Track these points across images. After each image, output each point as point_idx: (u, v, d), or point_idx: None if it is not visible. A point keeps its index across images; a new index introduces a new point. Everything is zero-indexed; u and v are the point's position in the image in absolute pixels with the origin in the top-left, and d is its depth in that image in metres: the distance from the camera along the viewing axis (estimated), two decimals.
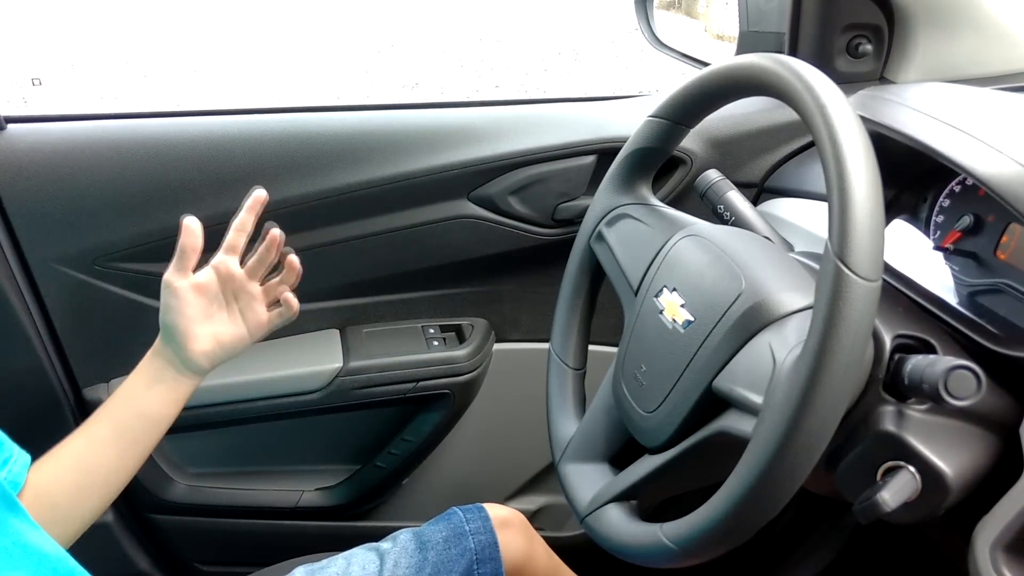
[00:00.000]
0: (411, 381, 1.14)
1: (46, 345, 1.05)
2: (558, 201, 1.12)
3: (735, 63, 0.70)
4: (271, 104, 1.10)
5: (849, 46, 1.06)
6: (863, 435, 0.64)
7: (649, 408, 0.73)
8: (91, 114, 1.06)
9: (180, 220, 0.82)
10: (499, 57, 6.17)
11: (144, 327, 1.09)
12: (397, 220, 1.10)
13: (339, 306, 1.17)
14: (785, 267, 0.70)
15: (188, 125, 1.05)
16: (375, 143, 1.06)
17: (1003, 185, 0.69)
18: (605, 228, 0.86)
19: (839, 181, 0.55)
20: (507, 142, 1.09)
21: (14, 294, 1.01)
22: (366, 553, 0.93)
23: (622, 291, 0.82)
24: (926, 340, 0.65)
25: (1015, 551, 0.63)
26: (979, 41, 1.04)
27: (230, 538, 1.26)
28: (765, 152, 1.11)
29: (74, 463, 0.82)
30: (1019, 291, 0.75)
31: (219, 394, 1.09)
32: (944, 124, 0.78)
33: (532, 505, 1.34)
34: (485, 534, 0.93)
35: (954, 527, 0.68)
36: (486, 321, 1.22)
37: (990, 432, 0.64)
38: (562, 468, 0.84)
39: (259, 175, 1.04)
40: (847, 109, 0.58)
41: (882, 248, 0.55)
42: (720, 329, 0.67)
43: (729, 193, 0.87)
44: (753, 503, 0.58)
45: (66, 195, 1.01)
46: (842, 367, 0.53)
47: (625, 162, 0.85)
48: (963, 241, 0.83)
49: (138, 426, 0.85)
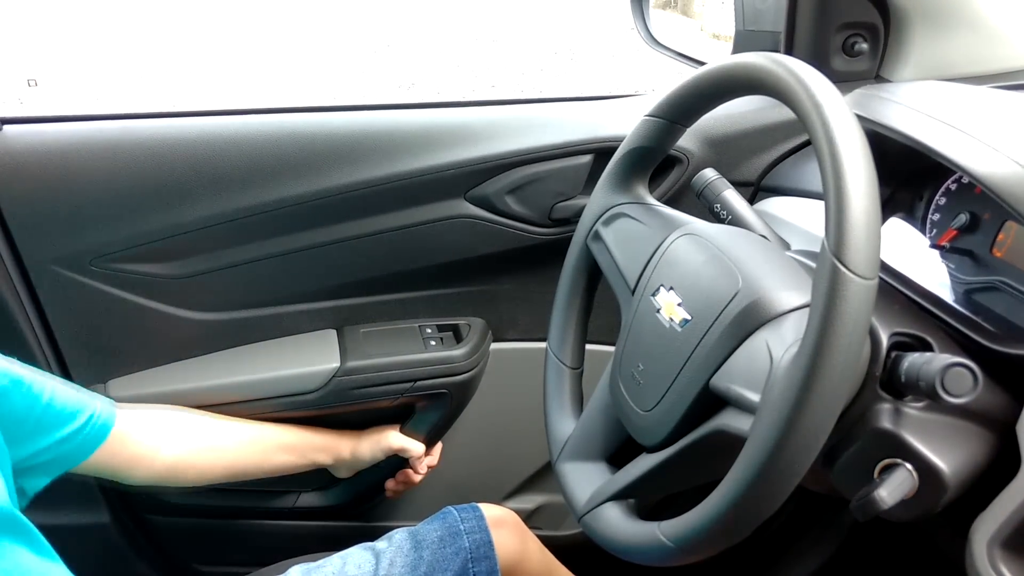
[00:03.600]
0: (408, 381, 1.14)
1: (43, 346, 1.05)
2: (555, 200, 1.12)
3: (731, 62, 0.70)
4: (267, 105, 1.10)
5: (845, 45, 1.06)
6: (860, 433, 0.64)
7: (646, 407, 0.73)
8: (87, 115, 1.06)
9: (176, 220, 0.83)
10: (495, 57, 6.17)
11: (140, 328, 1.09)
12: (394, 220, 1.10)
13: (336, 306, 1.16)
14: (782, 266, 0.70)
15: (184, 126, 1.05)
16: (371, 143, 1.06)
17: (999, 183, 0.69)
18: (602, 227, 0.86)
19: (835, 180, 0.55)
20: (503, 142, 1.09)
21: (11, 295, 1.01)
22: (362, 552, 0.93)
23: (619, 290, 0.82)
24: (923, 338, 0.65)
25: (1012, 548, 0.63)
26: (975, 40, 1.04)
27: (227, 538, 1.26)
28: (761, 151, 1.11)
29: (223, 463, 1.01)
30: (1015, 288, 0.75)
31: (216, 395, 1.09)
32: (940, 122, 0.79)
33: (530, 504, 1.34)
34: (480, 533, 0.94)
35: (951, 524, 0.68)
36: (483, 321, 1.22)
37: (987, 429, 0.64)
38: (560, 467, 0.84)
39: (255, 176, 1.04)
40: (843, 108, 0.58)
41: (878, 246, 0.55)
42: (717, 328, 0.67)
43: (726, 192, 0.87)
44: (750, 501, 0.58)
45: (62, 196, 1.01)
46: (839, 365, 0.53)
47: (621, 161, 0.85)
48: (959, 239, 0.83)
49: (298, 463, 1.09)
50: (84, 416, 0.83)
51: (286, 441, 1.09)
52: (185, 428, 1.00)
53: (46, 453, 0.79)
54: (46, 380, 0.80)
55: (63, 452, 0.81)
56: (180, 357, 1.12)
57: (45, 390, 0.79)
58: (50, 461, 0.80)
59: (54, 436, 0.79)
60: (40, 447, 0.78)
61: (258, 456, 1.05)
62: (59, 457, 0.81)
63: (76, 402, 0.83)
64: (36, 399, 0.77)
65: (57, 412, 0.80)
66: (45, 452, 0.79)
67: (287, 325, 1.15)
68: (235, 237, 1.07)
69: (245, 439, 1.05)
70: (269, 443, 1.07)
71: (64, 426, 0.80)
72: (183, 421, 1.01)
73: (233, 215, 1.05)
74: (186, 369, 1.12)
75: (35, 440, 0.77)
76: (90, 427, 0.83)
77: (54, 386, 0.80)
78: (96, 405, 0.85)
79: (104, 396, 0.89)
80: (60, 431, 0.80)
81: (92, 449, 0.84)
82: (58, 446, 0.80)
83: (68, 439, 0.81)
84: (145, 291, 1.07)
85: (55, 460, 0.80)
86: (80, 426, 0.82)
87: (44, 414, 0.78)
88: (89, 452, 0.84)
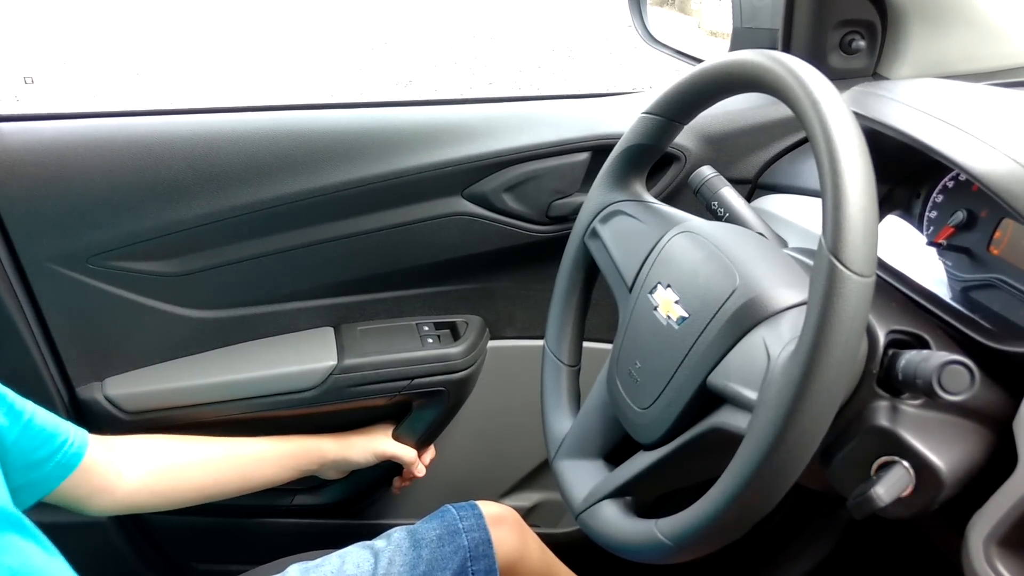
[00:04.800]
0: (406, 379, 1.14)
1: (39, 344, 1.05)
2: (552, 198, 1.12)
3: (729, 59, 0.70)
4: (264, 102, 1.10)
5: (842, 42, 1.06)
6: (857, 430, 0.65)
7: (644, 404, 0.73)
8: (84, 112, 1.06)
9: (173, 218, 0.82)
10: (493, 54, 6.17)
11: (138, 326, 1.09)
12: (391, 217, 1.10)
13: (333, 304, 1.16)
14: (779, 263, 0.70)
15: (181, 123, 1.05)
16: (369, 141, 1.06)
17: (996, 181, 0.69)
18: (599, 225, 0.86)
19: (833, 177, 0.55)
20: (501, 139, 1.09)
21: (7, 293, 1.00)
22: (360, 551, 0.93)
23: (616, 288, 0.82)
24: (920, 335, 0.65)
25: (1009, 545, 0.63)
26: (972, 37, 1.05)
27: (225, 536, 1.26)
28: (759, 148, 1.11)
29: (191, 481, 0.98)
30: (1012, 286, 0.75)
31: (213, 392, 1.09)
32: (937, 120, 0.79)
33: (527, 502, 1.34)
34: (478, 531, 0.94)
35: (948, 522, 0.68)
36: (480, 318, 1.22)
37: (983, 427, 0.64)
38: (557, 465, 0.84)
39: (252, 173, 1.04)
40: (841, 105, 0.58)
41: (876, 244, 0.55)
42: (714, 325, 0.67)
43: (723, 189, 0.87)
44: (748, 499, 0.58)
45: (59, 194, 1.01)
46: (836, 363, 0.53)
47: (619, 159, 0.85)
48: (956, 236, 0.83)
49: None
50: (60, 439, 0.81)
51: (263, 454, 1.06)
52: (148, 453, 0.95)
53: (21, 475, 0.77)
54: (27, 402, 0.79)
55: (37, 477, 0.79)
56: (178, 355, 1.12)
57: (27, 409, 0.78)
58: (19, 488, 0.77)
59: (31, 457, 0.78)
60: (15, 467, 0.76)
61: (232, 474, 1.02)
62: (32, 482, 0.79)
63: (53, 425, 0.81)
64: (19, 415, 0.76)
65: (36, 432, 0.78)
66: (20, 474, 0.77)
67: (284, 323, 1.15)
68: (232, 234, 1.06)
69: (217, 457, 1.01)
70: (243, 459, 1.04)
71: (42, 447, 0.79)
72: (146, 447, 0.96)
73: (230, 213, 1.04)
74: (183, 367, 1.11)
75: (12, 460, 0.76)
76: (64, 451, 0.81)
77: (34, 408, 0.79)
78: (70, 431, 0.83)
79: (77, 427, 0.86)
80: (37, 452, 0.78)
81: (66, 474, 0.82)
82: (33, 469, 0.78)
83: (44, 461, 0.79)
84: (142, 289, 1.07)
85: (27, 485, 0.78)
86: (56, 448, 0.80)
87: (24, 432, 0.77)
88: (63, 477, 0.81)
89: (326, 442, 1.11)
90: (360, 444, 1.14)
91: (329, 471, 1.14)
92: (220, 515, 1.23)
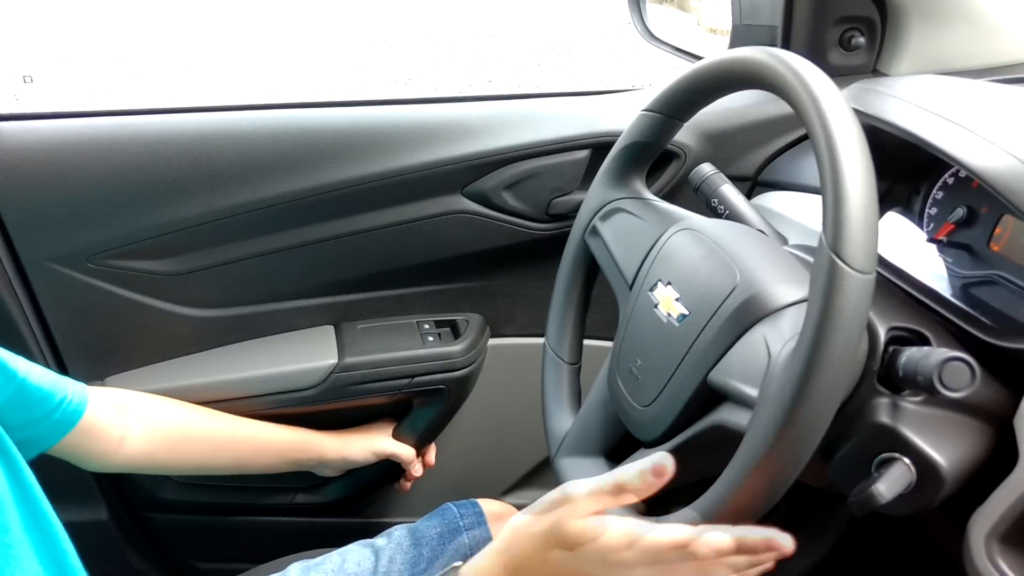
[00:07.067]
0: (406, 377, 1.14)
1: (40, 343, 1.05)
2: (552, 196, 1.12)
3: (728, 56, 0.70)
4: (263, 100, 1.10)
5: (842, 39, 1.06)
6: (858, 427, 0.65)
7: (644, 402, 0.73)
8: (83, 111, 1.06)
9: (173, 217, 0.82)
10: (492, 52, 6.16)
11: (138, 325, 1.09)
12: (391, 216, 1.10)
13: (333, 302, 1.16)
14: (779, 260, 0.70)
15: (181, 122, 1.05)
16: (368, 139, 1.06)
17: (996, 177, 0.69)
18: (599, 222, 0.86)
19: (833, 174, 0.55)
20: (500, 137, 1.09)
21: (8, 293, 1.00)
22: (361, 549, 0.93)
23: (617, 285, 0.82)
24: (920, 332, 0.65)
25: (1010, 542, 0.63)
26: (971, 33, 1.04)
27: (226, 535, 1.26)
28: (759, 145, 1.11)
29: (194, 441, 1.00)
30: (1012, 282, 0.75)
31: (213, 391, 1.09)
32: (937, 116, 0.79)
33: (528, 500, 1.32)
34: (479, 529, 0.94)
35: (949, 518, 0.68)
36: (481, 316, 1.22)
37: (984, 423, 0.64)
38: (558, 463, 0.84)
39: (252, 171, 1.04)
40: (841, 102, 0.58)
41: (876, 241, 0.55)
42: (715, 323, 0.67)
43: (723, 187, 0.87)
44: (748, 496, 0.58)
45: (59, 193, 1.01)
46: (837, 360, 0.53)
47: (619, 156, 0.85)
48: (956, 233, 0.83)
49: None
50: (57, 397, 0.81)
51: (263, 442, 1.06)
52: (155, 418, 0.96)
53: (18, 433, 0.76)
54: (20, 361, 0.79)
55: (34, 434, 0.79)
56: (178, 354, 1.12)
57: (20, 368, 0.78)
58: (20, 443, 0.77)
59: (27, 416, 0.78)
60: (11, 426, 0.75)
61: (230, 455, 1.03)
62: (30, 439, 0.79)
63: (50, 383, 0.81)
64: (12, 375, 0.76)
65: (31, 391, 0.78)
66: (17, 431, 0.76)
67: (285, 321, 1.15)
68: (232, 233, 1.06)
69: (219, 436, 1.02)
70: (243, 443, 1.04)
71: (37, 406, 0.79)
72: (154, 411, 0.97)
73: (230, 211, 1.04)
74: (184, 366, 1.12)
75: (8, 419, 0.76)
76: (62, 409, 0.82)
77: (29, 366, 0.79)
78: (69, 387, 0.84)
79: (78, 384, 0.86)
80: (33, 411, 0.79)
81: (64, 432, 0.82)
82: (30, 427, 0.78)
83: (41, 420, 0.80)
84: (142, 288, 1.07)
85: (25, 441, 0.78)
86: (53, 407, 0.81)
87: (18, 392, 0.77)
88: (61, 435, 0.82)
89: (326, 439, 1.11)
90: (359, 443, 1.14)
91: (327, 468, 1.14)
92: (221, 514, 1.23)
